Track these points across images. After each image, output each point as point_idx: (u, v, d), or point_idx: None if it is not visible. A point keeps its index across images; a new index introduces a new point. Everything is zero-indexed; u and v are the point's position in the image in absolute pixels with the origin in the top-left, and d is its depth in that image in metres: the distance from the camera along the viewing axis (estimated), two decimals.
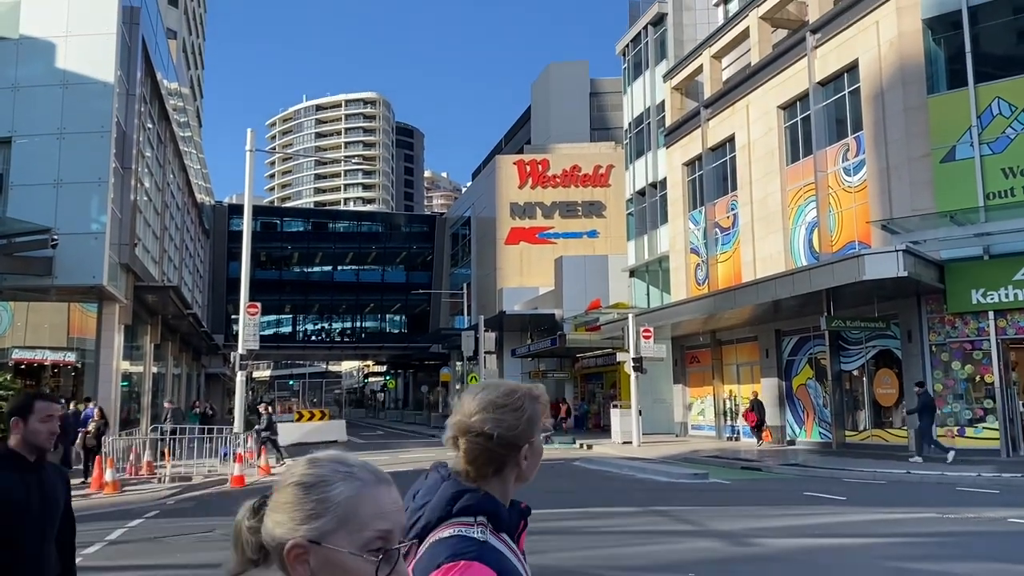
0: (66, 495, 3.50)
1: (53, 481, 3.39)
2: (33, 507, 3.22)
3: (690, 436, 31.38)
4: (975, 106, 20.27)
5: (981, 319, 20.20)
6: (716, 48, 31.29)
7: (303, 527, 1.17)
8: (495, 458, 1.75)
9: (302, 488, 1.20)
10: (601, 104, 60.28)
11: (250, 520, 1.24)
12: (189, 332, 39.42)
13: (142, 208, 27.71)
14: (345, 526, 1.16)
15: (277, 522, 1.19)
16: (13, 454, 3.30)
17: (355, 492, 1.19)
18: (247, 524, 1.24)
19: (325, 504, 1.18)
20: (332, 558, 1.15)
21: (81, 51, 22.99)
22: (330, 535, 1.16)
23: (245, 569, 1.23)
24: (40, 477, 3.31)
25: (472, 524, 1.64)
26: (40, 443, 3.31)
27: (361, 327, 70.19)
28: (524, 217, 51.07)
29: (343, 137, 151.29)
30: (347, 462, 1.25)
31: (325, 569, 1.16)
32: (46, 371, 24.69)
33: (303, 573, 1.16)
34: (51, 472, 3.43)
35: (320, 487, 1.19)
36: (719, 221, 30.46)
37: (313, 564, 1.16)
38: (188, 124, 41.82)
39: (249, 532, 1.23)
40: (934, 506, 12.59)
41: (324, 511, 1.17)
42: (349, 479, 1.21)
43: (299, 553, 1.16)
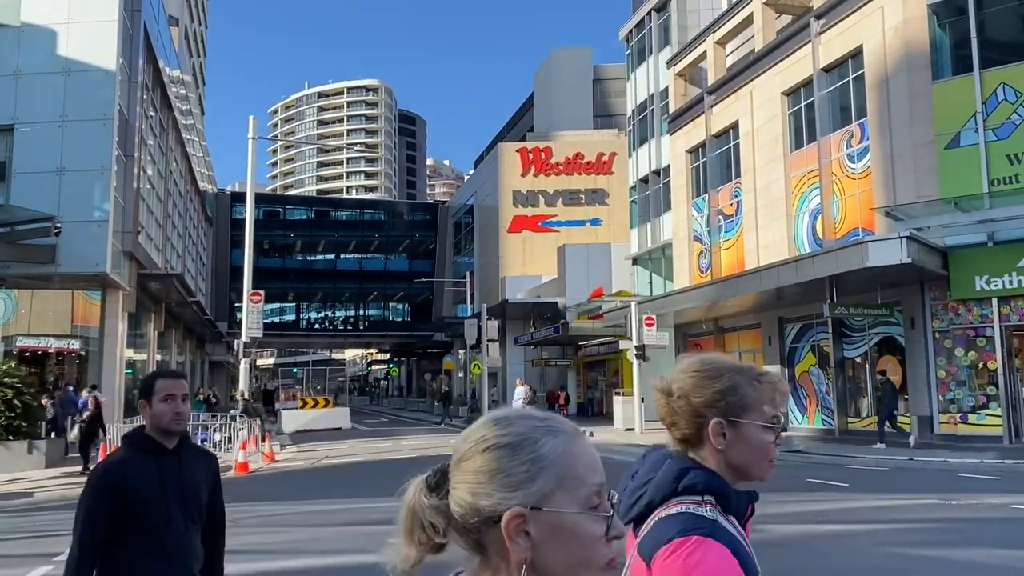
0: (211, 482, 3.24)
1: (194, 467, 3.15)
2: (170, 495, 3.00)
3: None
4: (980, 92, 20.17)
5: (985, 306, 20.17)
6: (720, 34, 31.13)
7: (517, 493, 1.03)
8: (688, 423, 1.67)
9: (507, 450, 1.06)
10: (604, 91, 60.05)
11: (430, 499, 1.10)
12: (193, 320, 39.50)
13: (145, 196, 27.71)
14: (563, 485, 1.04)
15: (479, 493, 1.05)
16: (146, 439, 3.09)
17: (565, 446, 1.07)
18: (428, 503, 1.10)
19: (539, 464, 1.05)
20: (557, 522, 1.03)
21: (83, 38, 22.93)
22: (550, 497, 1.03)
23: (423, 558, 1.10)
24: (179, 463, 3.08)
25: (700, 502, 1.56)
26: (164, 426, 3.06)
27: (364, 315, 70.27)
28: (527, 205, 51.00)
29: (345, 124, 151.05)
30: (538, 416, 1.12)
31: (550, 537, 1.03)
32: (50, 359, 24.79)
33: (524, 545, 1.03)
34: (192, 457, 3.19)
35: (527, 446, 1.06)
36: (722, 208, 30.39)
37: (535, 533, 1.03)
38: (190, 112, 41.75)
39: (433, 512, 1.09)
40: (937, 492, 12.61)
41: (539, 472, 1.04)
42: (553, 433, 1.08)
43: (519, 523, 1.02)
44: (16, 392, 17.53)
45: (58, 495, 14.22)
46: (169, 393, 3.06)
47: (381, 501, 12.83)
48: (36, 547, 9.27)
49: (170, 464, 3.04)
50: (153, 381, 3.12)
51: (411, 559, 1.09)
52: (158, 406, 3.05)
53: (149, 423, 3.08)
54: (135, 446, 3.07)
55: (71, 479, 15.73)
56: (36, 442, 17.79)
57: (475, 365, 38.40)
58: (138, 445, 3.07)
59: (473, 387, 42.29)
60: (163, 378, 3.14)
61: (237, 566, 8.17)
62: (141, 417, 3.15)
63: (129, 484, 2.92)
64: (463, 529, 1.07)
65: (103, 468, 3.01)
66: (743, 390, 1.67)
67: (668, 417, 1.71)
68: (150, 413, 3.07)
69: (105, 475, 2.96)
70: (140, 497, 2.92)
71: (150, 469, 2.99)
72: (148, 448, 3.05)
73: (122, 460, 3.01)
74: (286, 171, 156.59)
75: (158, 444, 3.06)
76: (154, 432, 3.07)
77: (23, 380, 18.56)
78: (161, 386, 3.08)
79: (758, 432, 1.67)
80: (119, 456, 3.06)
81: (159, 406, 3.05)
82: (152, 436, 3.07)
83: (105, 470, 2.99)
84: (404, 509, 1.11)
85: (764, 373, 1.72)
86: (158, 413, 3.05)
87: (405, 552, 1.09)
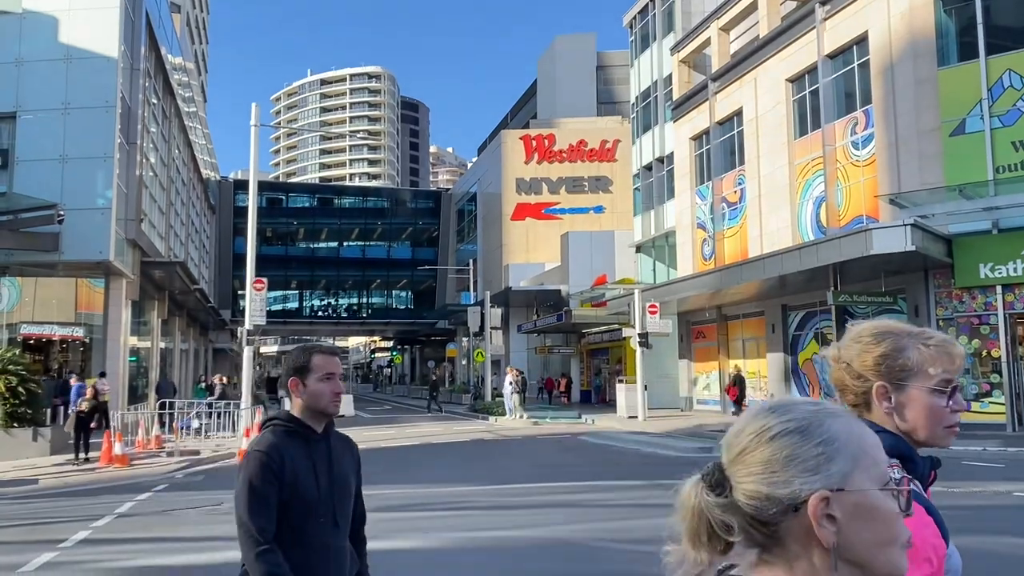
0: (357, 473, 2.89)
1: (342, 454, 2.81)
2: (322, 487, 2.66)
3: (695, 411, 31.45)
4: (986, 78, 20.06)
5: (989, 293, 20.12)
6: (724, 20, 30.97)
7: (818, 476, 1.02)
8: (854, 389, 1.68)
9: (797, 435, 1.05)
10: (608, 78, 59.85)
11: (714, 496, 1.07)
12: (196, 307, 39.55)
13: (148, 183, 27.70)
14: (859, 464, 1.03)
15: (775, 483, 1.03)
16: (296, 421, 2.72)
17: (849, 426, 1.06)
18: (715, 502, 1.07)
19: (831, 445, 1.04)
20: (861, 502, 1.02)
21: (84, 25, 22.87)
22: (849, 478, 1.02)
23: (712, 560, 1.07)
24: (328, 449, 2.75)
25: None
26: (322, 407, 2.71)
27: (367, 303, 70.34)
28: (530, 193, 50.92)
29: (348, 112, 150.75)
30: (808, 401, 1.11)
31: (855, 518, 1.02)
32: (54, 346, 24.85)
33: (831, 529, 1.01)
34: (339, 444, 2.84)
35: (815, 429, 1.05)
36: (726, 196, 30.32)
37: (840, 515, 1.01)
38: (193, 99, 41.68)
39: (722, 511, 1.06)
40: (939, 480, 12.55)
41: (834, 453, 1.03)
42: (833, 415, 1.07)
43: (825, 506, 1.01)
44: (20, 379, 17.57)
45: (62, 482, 14.29)
46: (329, 372, 2.73)
47: (384, 488, 12.86)
48: (41, 534, 9.32)
49: (320, 450, 2.72)
50: (310, 357, 2.75)
51: (702, 562, 1.07)
52: (316, 385, 2.71)
53: (301, 404, 2.73)
54: (283, 429, 2.71)
55: (76, 467, 15.78)
56: (41, 429, 17.85)
57: (478, 353, 38.45)
58: (287, 428, 2.71)
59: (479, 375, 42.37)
60: (322, 354, 2.78)
61: None
62: (292, 397, 2.77)
63: (286, 469, 2.60)
64: (757, 523, 1.05)
65: (263, 451, 2.61)
66: (907, 353, 1.64)
67: (837, 383, 1.73)
68: (305, 392, 2.72)
69: (267, 457, 2.59)
70: (294, 485, 2.60)
71: (302, 454, 2.67)
72: (299, 432, 2.70)
73: (274, 444, 2.65)
74: (289, 158, 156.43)
75: (308, 427, 2.72)
76: (305, 414, 2.73)
77: (27, 367, 18.60)
78: (320, 363, 2.74)
79: (925, 396, 1.63)
80: (269, 440, 2.67)
81: (317, 385, 2.71)
82: (302, 419, 2.73)
83: (266, 453, 2.60)
84: (686, 512, 1.09)
85: (934, 335, 1.69)
86: (316, 393, 2.71)
87: (693, 556, 1.08)
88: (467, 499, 11.82)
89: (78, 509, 11.27)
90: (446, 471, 15.23)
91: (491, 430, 25.41)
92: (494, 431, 24.99)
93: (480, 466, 16.03)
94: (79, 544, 8.63)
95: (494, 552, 8.28)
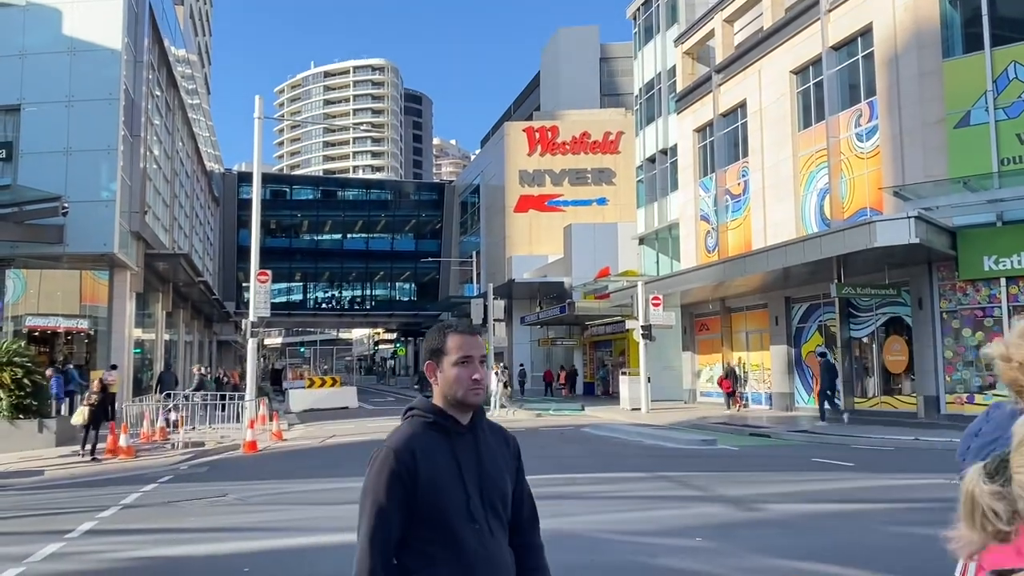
0: (515, 469, 2.50)
1: (494, 448, 2.44)
2: (469, 485, 2.31)
3: (699, 403, 31.47)
4: (991, 70, 19.98)
5: (993, 286, 20.09)
6: (728, 12, 30.86)
7: None
8: None
9: None
10: (611, 69, 59.71)
11: (990, 483, 1.09)
12: (200, 300, 39.63)
13: (152, 176, 27.74)
14: None
15: None
16: (437, 412, 2.39)
17: None
18: (988, 489, 1.08)
19: None
20: None
21: (88, 17, 22.87)
22: None
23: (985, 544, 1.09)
24: (475, 443, 2.39)
25: None
26: (460, 397, 2.35)
27: (371, 295, 70.43)
28: (533, 185, 50.87)
29: (351, 104, 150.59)
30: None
31: None
32: (59, 338, 24.93)
33: None
34: (491, 437, 2.47)
35: None
36: (730, 188, 30.27)
37: None
38: (196, 91, 41.67)
39: (992, 498, 1.08)
40: (942, 472, 12.61)
41: None
42: None
43: None
44: (26, 371, 17.64)
45: (68, 473, 14.36)
46: (466, 355, 2.37)
47: None
48: (47, 525, 9.38)
49: (465, 444, 2.36)
50: (444, 338, 2.41)
51: (973, 544, 1.10)
52: (451, 370, 2.36)
53: (438, 392, 2.41)
54: (422, 421, 2.38)
55: (81, 458, 15.85)
56: (46, 421, 17.92)
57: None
58: (426, 420, 2.37)
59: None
60: (458, 334, 2.42)
61: (248, 543, 8.26)
62: (431, 381, 2.44)
63: (421, 469, 2.25)
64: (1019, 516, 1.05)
65: (390, 450, 2.29)
66: None
67: (1012, 383, 1.74)
68: (440, 378, 2.39)
69: (394, 458, 2.26)
70: (434, 487, 2.26)
71: (444, 451, 2.32)
72: (439, 424, 2.36)
73: (409, 439, 2.32)
74: (292, 151, 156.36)
75: (451, 419, 2.38)
76: (445, 403, 2.39)
77: (32, 359, 18.67)
78: (456, 343, 2.39)
79: None
80: (404, 433, 2.35)
81: (453, 370, 2.36)
82: (444, 409, 2.39)
83: (394, 452, 2.28)
84: (964, 495, 1.12)
85: None
86: (452, 379, 2.36)
87: (967, 537, 1.11)
88: None
89: (84, 500, 11.33)
90: None
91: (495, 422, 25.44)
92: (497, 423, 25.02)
93: None
94: (85, 535, 8.68)
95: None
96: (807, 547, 7.64)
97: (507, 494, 2.42)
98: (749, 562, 7.10)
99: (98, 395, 16.27)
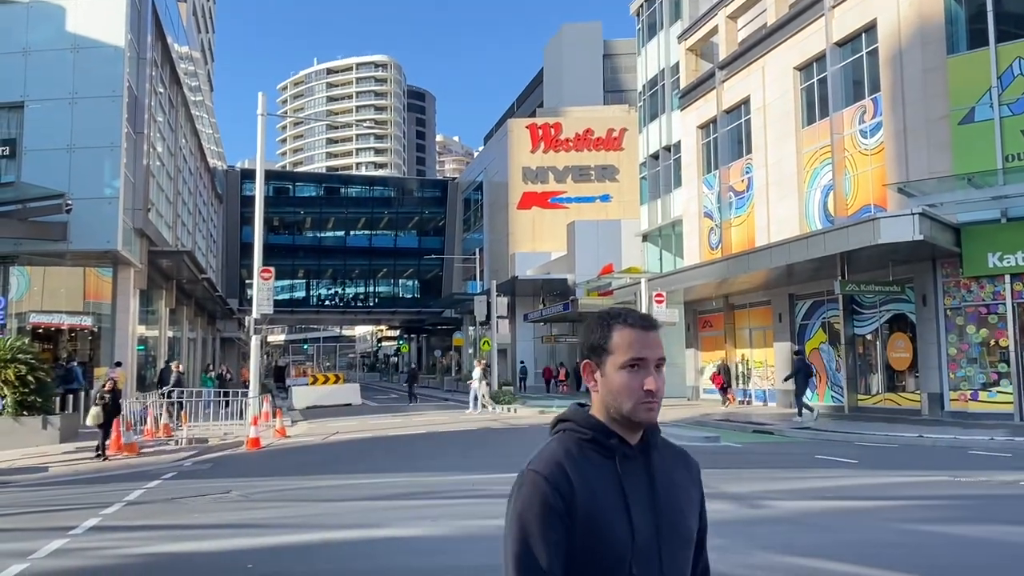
0: (698, 500, 1.93)
1: (671, 475, 1.87)
2: (639, 529, 1.74)
3: (702, 400, 31.46)
4: (995, 66, 19.92)
5: (997, 283, 20.05)
6: (732, 8, 30.80)
7: None
8: None
9: None
10: (615, 66, 59.65)
11: None
12: (204, 297, 39.68)
13: (155, 173, 27.76)
14: None
15: None
16: (597, 428, 1.82)
17: None
18: None
19: None
20: None
21: (91, 14, 22.88)
22: None
23: None
24: (648, 468, 1.83)
25: None
26: (626, 412, 1.79)
27: (374, 292, 70.49)
28: (536, 181, 50.84)
29: (354, 101, 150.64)
30: None
31: None
32: (63, 335, 24.96)
33: None
34: (669, 462, 1.90)
35: None
36: (733, 185, 30.23)
37: None
38: (199, 88, 41.68)
39: None
40: (946, 469, 12.60)
41: None
42: None
43: None
44: (30, 368, 17.67)
45: (72, 470, 14.39)
46: (637, 356, 1.80)
47: (392, 476, 12.92)
48: (51, 521, 9.39)
49: (636, 471, 1.81)
50: (609, 331, 1.84)
51: None
52: (616, 376, 1.80)
53: (597, 400, 1.84)
54: (578, 438, 1.82)
55: (85, 454, 15.88)
56: (50, 417, 17.95)
57: (485, 342, 38.48)
58: (583, 437, 1.81)
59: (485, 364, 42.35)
60: (628, 327, 1.83)
61: (251, 539, 8.27)
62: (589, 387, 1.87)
63: (578, 504, 1.71)
64: None
65: (539, 475, 1.74)
66: None
67: None
68: (600, 385, 1.83)
69: (546, 485, 1.72)
70: (593, 528, 1.71)
71: (607, 479, 1.77)
72: (600, 443, 1.81)
73: (562, 461, 1.76)
74: (296, 148, 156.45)
75: (616, 437, 1.82)
76: (606, 417, 1.82)
77: (36, 356, 18.69)
78: (624, 340, 1.81)
79: None
80: (555, 453, 1.78)
81: (618, 377, 1.80)
82: (606, 423, 1.82)
83: (544, 478, 1.73)
84: None
85: None
86: (616, 388, 1.79)
87: None
88: (474, 487, 11.86)
89: (88, 497, 11.35)
90: (453, 460, 15.27)
91: (498, 419, 25.46)
92: (500, 420, 25.04)
93: (487, 455, 16.07)
94: (89, 531, 8.70)
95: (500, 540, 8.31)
96: (812, 544, 7.63)
97: (690, 539, 1.85)
98: (755, 559, 7.09)
99: (110, 394, 16.28)
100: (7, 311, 22.06)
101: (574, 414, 1.87)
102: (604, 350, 1.83)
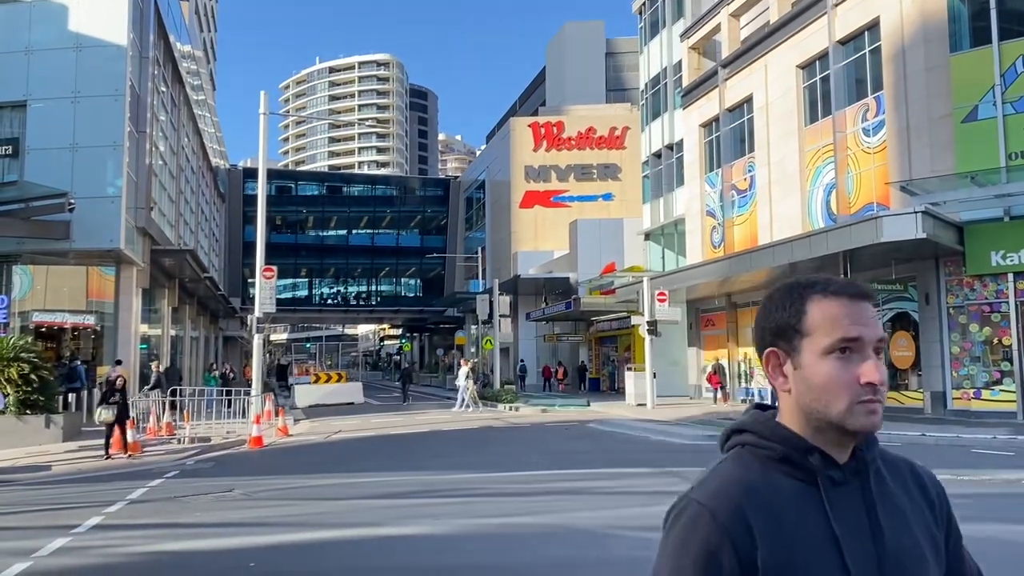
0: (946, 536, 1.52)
1: (905, 508, 1.41)
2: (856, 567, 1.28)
3: (704, 398, 31.43)
4: (999, 64, 19.88)
5: (1000, 281, 20.02)
6: (734, 6, 30.76)
7: None
8: None
9: None
10: (617, 64, 59.59)
11: None
12: (206, 295, 39.71)
13: (157, 172, 27.79)
14: None
15: None
16: (789, 441, 1.36)
17: None
18: None
19: None
20: None
21: (93, 13, 22.90)
22: None
23: None
24: (867, 498, 1.35)
25: None
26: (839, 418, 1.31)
27: (376, 290, 70.51)
28: (539, 180, 50.81)
29: (356, 100, 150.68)
30: None
31: None
32: (66, 334, 25.00)
33: None
34: (894, 486, 1.42)
35: None
36: (736, 183, 30.20)
37: None
38: (202, 87, 41.71)
39: None
40: (949, 468, 12.58)
41: None
42: None
43: None
44: (33, 367, 17.69)
45: (75, 468, 14.41)
46: (848, 336, 1.32)
47: (394, 475, 12.93)
48: (54, 519, 9.41)
49: (848, 500, 1.34)
50: (804, 303, 1.37)
51: None
52: (819, 366, 1.33)
53: (789, 404, 1.39)
54: (764, 456, 1.38)
55: (88, 453, 15.90)
56: (53, 416, 17.98)
57: (487, 340, 38.49)
58: (771, 454, 1.37)
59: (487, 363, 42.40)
60: (833, 296, 1.35)
61: (254, 538, 8.27)
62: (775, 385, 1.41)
63: (764, 552, 1.26)
64: None
65: (704, 509, 1.31)
66: None
67: None
68: (793, 380, 1.37)
69: (712, 525, 1.29)
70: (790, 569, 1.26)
71: (808, 515, 1.31)
72: (796, 464, 1.35)
73: (741, 491, 1.32)
74: (298, 146, 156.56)
75: (819, 454, 1.35)
76: (805, 425, 1.37)
77: (39, 355, 18.72)
78: (828, 314, 1.34)
79: None
80: (730, 479, 1.36)
81: (823, 366, 1.33)
82: (803, 435, 1.36)
83: (711, 514, 1.30)
84: None
85: None
86: (821, 383, 1.33)
87: None
88: (476, 486, 11.86)
89: (90, 495, 11.37)
90: (455, 458, 15.28)
91: (499, 418, 25.47)
92: (502, 419, 25.04)
93: (489, 453, 16.08)
94: (92, 529, 8.71)
95: (503, 538, 8.32)
96: None
97: None
98: None
99: (120, 392, 16.28)
100: (10, 310, 22.11)
101: (754, 422, 1.41)
102: (797, 332, 1.36)
